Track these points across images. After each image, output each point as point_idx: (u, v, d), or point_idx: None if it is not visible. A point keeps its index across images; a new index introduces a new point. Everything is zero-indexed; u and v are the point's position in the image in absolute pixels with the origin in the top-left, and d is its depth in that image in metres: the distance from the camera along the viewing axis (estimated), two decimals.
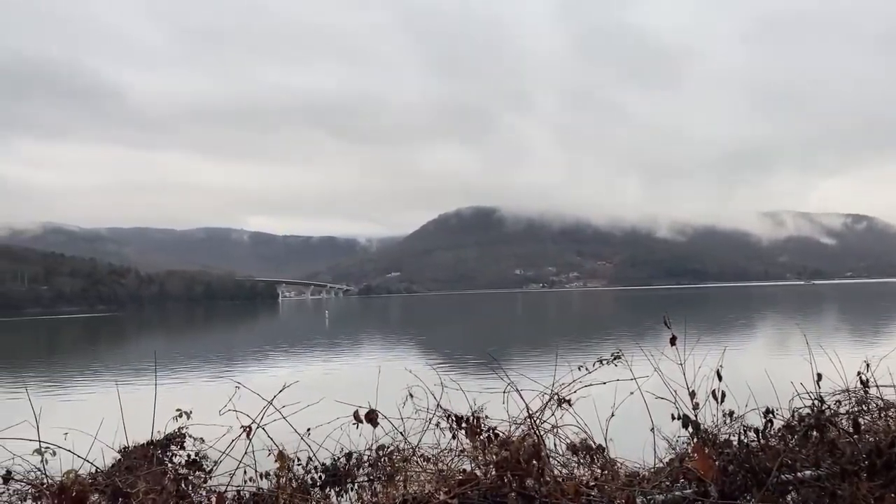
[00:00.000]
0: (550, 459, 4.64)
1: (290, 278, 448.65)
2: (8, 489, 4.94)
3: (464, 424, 5.10)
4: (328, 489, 4.99)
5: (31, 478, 4.90)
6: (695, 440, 4.70)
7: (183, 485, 4.46)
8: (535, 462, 4.17)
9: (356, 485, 5.10)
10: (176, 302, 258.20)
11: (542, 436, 4.68)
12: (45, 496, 4.84)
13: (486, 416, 5.18)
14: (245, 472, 4.72)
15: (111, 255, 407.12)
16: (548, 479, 4.16)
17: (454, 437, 5.16)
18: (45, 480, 4.83)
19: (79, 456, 4.98)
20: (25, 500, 4.95)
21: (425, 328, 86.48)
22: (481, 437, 4.96)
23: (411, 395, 5.51)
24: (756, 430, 4.77)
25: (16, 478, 4.94)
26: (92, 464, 5.01)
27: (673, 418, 4.82)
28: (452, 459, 5.05)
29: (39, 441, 4.94)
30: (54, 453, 4.81)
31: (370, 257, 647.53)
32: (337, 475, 5.04)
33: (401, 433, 5.33)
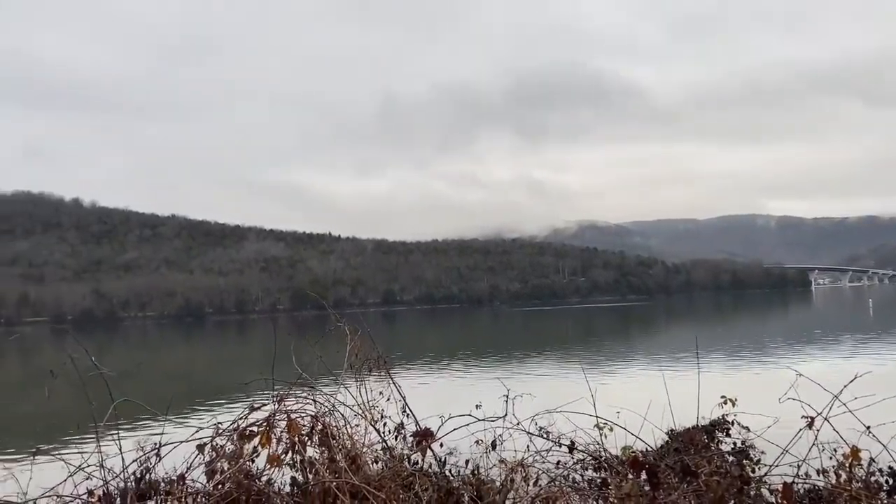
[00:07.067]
0: None
1: (823, 264, 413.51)
2: (572, 458, 5.64)
3: None
4: None
5: (590, 450, 5.52)
6: None
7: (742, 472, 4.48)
8: None
9: None
10: (702, 291, 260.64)
11: None
12: (604, 468, 5.38)
13: None
14: (800, 466, 4.50)
15: (637, 247, 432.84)
16: None
17: None
18: (603, 454, 5.38)
19: (631, 433, 5.40)
20: (587, 470, 5.59)
21: None
22: None
23: None
24: None
25: (578, 448, 5.61)
26: (644, 441, 5.39)
27: None
28: None
29: (597, 416, 5.52)
30: (612, 429, 5.33)
31: None
32: None
33: None
